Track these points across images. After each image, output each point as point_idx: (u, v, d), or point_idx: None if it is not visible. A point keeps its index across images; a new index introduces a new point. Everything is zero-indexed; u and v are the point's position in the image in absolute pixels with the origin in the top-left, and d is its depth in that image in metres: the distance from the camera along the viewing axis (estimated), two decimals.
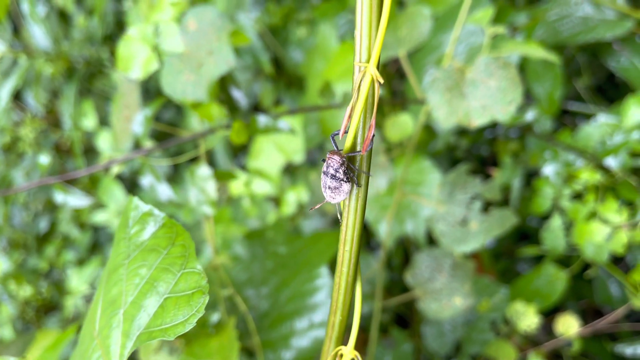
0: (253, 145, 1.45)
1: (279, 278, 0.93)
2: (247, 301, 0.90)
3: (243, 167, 1.62)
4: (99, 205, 2.17)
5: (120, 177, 1.94)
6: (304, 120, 1.48)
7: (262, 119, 0.77)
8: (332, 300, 0.34)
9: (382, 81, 0.24)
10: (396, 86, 1.65)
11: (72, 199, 0.80)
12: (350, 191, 0.32)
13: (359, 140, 0.30)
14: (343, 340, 0.36)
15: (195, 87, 0.70)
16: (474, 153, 1.55)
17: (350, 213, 0.30)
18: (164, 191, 0.78)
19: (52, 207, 2.39)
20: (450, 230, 0.88)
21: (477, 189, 0.88)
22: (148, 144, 0.80)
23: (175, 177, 1.69)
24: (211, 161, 1.56)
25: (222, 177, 0.83)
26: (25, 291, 2.08)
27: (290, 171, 1.51)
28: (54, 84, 2.31)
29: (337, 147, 0.33)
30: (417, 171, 1.26)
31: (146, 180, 0.78)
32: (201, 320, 0.76)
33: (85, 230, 2.24)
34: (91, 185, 2.29)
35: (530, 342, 1.37)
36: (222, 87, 0.83)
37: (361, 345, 1.43)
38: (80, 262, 2.17)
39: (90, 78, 2.22)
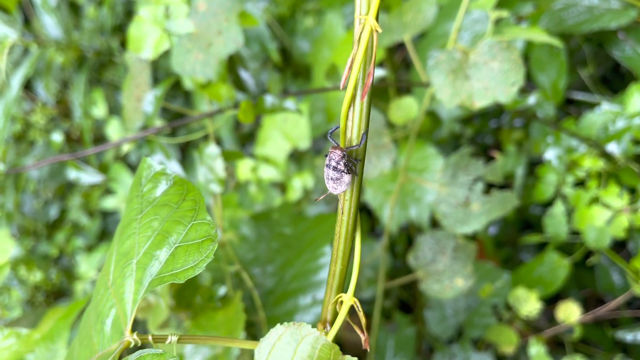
0: (260, 132, 1.47)
1: (284, 257, 0.95)
2: (253, 279, 0.92)
3: (250, 155, 1.64)
4: (108, 192, 2.20)
5: (129, 165, 1.97)
6: (310, 109, 1.50)
7: (269, 99, 0.79)
8: (333, 249, 0.36)
9: (380, 30, 0.26)
10: (402, 76, 1.67)
11: (85, 176, 0.82)
12: (351, 182, 0.35)
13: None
14: (343, 288, 0.38)
15: (204, 66, 0.72)
16: (478, 142, 1.57)
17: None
18: (174, 169, 0.80)
19: (62, 195, 2.42)
20: (452, 212, 0.90)
21: (479, 171, 0.90)
22: (158, 123, 0.83)
23: (183, 162, 1.71)
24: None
25: (230, 157, 0.85)
26: (36, 276, 2.11)
27: (296, 157, 1.53)
28: (64, 74, 2.34)
29: (336, 143, 0.36)
30: (421, 158, 1.28)
31: (156, 159, 0.80)
32: (208, 294, 0.79)
33: (95, 218, 2.27)
34: (101, 172, 2.31)
35: (532, 328, 1.38)
36: (231, 68, 0.85)
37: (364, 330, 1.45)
38: (89, 249, 2.20)
39: (100, 68, 2.25)
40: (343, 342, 1.58)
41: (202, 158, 0.83)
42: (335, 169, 0.35)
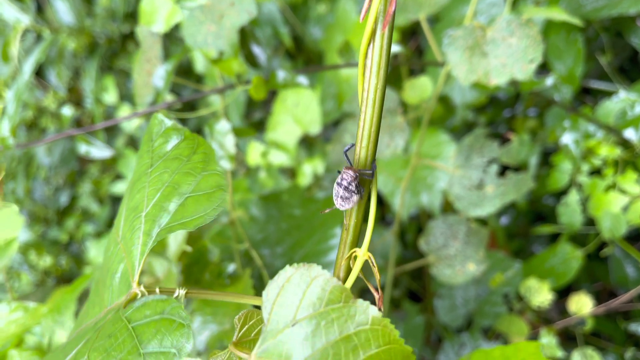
0: (271, 117, 1.46)
1: (293, 238, 0.94)
2: (262, 259, 0.91)
3: (261, 141, 1.63)
4: (118, 178, 2.21)
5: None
6: (322, 95, 1.49)
7: (281, 74, 0.77)
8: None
9: None
10: (415, 64, 1.65)
11: (95, 150, 0.81)
12: (359, 201, 0.37)
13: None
14: (357, 244, 0.36)
15: (217, 38, 0.71)
16: (491, 131, 1.55)
17: (368, 107, 0.31)
18: None
19: (72, 182, 2.42)
20: (466, 194, 0.89)
21: (494, 153, 0.88)
22: (169, 97, 0.82)
23: None
24: None
25: (242, 133, 0.84)
26: (45, 261, 2.12)
27: (307, 143, 1.52)
28: (76, 61, 2.34)
29: (350, 163, 0.38)
30: (434, 145, 1.26)
31: None
32: (217, 271, 0.78)
33: (104, 205, 2.27)
34: (111, 161, 2.32)
35: (543, 319, 1.36)
36: (243, 44, 0.84)
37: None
38: (99, 235, 2.20)
39: (112, 57, 2.25)
40: None
41: (213, 134, 0.82)
42: (346, 189, 0.36)
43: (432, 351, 1.42)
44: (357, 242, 0.37)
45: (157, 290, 0.34)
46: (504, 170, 0.89)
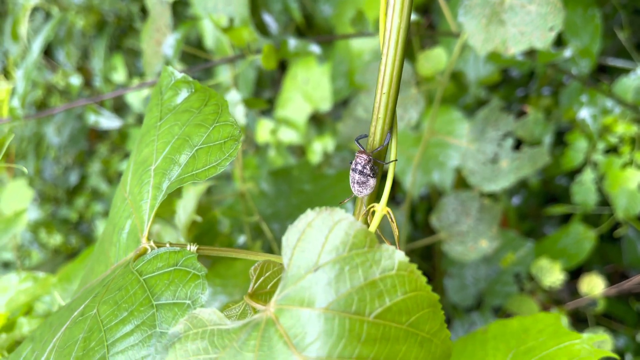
0: (281, 94, 1.44)
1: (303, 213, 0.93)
2: (273, 234, 0.90)
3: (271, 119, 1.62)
4: (126, 156, 2.20)
5: None
6: (332, 73, 1.47)
7: (292, 42, 0.76)
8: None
9: None
10: (427, 43, 1.62)
11: (104, 120, 0.80)
12: (375, 185, 0.36)
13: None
14: (375, 198, 0.35)
15: (227, 4, 0.70)
16: (505, 109, 1.52)
17: (390, 49, 0.29)
18: None
19: (82, 162, 2.42)
20: (480, 169, 0.87)
21: (509, 126, 0.86)
22: (178, 67, 0.80)
23: None
24: None
25: (252, 104, 0.82)
26: (56, 240, 2.13)
27: (316, 121, 1.50)
28: (84, 40, 2.33)
29: (362, 148, 0.37)
30: (446, 122, 1.24)
31: None
32: (227, 242, 0.77)
33: (114, 184, 2.27)
34: (120, 141, 2.32)
35: (554, 300, 1.35)
36: (253, 12, 0.82)
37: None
38: (108, 214, 2.20)
39: (121, 36, 2.23)
40: None
41: None
42: (361, 172, 0.36)
43: None
44: (375, 198, 0.36)
45: (168, 244, 0.33)
46: (519, 144, 0.87)
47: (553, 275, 1.23)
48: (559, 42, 1.26)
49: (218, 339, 0.25)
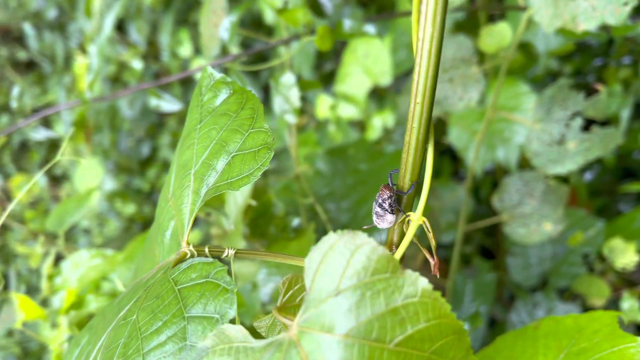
0: (340, 68, 1.43)
1: (359, 194, 0.93)
2: (328, 214, 0.91)
3: (331, 94, 1.60)
4: None
5: None
6: (393, 44, 1.43)
7: (347, 23, 0.74)
8: (401, 163, 0.33)
9: None
10: (494, 10, 1.54)
11: (165, 104, 0.83)
12: (395, 222, 0.37)
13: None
14: (412, 207, 0.34)
15: None
16: (579, 81, 1.43)
17: (423, 59, 0.28)
18: None
19: (153, 134, 2.52)
20: (545, 150, 0.82)
21: (578, 105, 0.81)
22: (234, 49, 0.81)
23: (265, 103, 1.71)
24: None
25: (307, 86, 0.82)
26: (130, 209, 2.24)
27: (377, 96, 1.48)
28: (153, 15, 2.38)
29: (391, 183, 0.38)
30: (512, 96, 1.19)
31: None
32: (282, 225, 0.78)
33: None
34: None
35: (626, 281, 1.28)
36: None
37: (442, 275, 1.41)
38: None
39: (187, 10, 2.27)
40: None
41: (278, 87, 0.80)
42: (380, 206, 0.37)
43: (504, 309, 1.39)
44: (412, 205, 0.35)
45: (206, 249, 0.34)
46: (588, 124, 0.82)
47: (626, 256, 1.17)
48: (638, 8, 1.16)
49: (244, 357, 0.26)
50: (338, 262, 0.25)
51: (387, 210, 0.36)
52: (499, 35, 0.83)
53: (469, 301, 1.25)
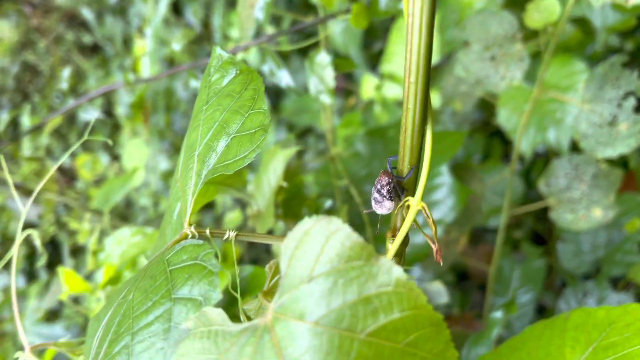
0: (386, 48, 1.39)
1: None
2: (365, 195, 0.90)
3: (379, 75, 1.58)
4: None
5: None
6: (441, 22, 1.38)
7: (383, 1, 0.72)
8: (400, 145, 0.32)
9: None
10: None
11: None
12: (395, 208, 0.36)
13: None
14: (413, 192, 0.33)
15: None
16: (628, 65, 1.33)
17: (414, 35, 0.26)
18: (284, 77, 0.79)
19: None
20: (595, 132, 0.78)
21: (632, 85, 0.75)
22: (270, 29, 0.80)
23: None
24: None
25: (342, 66, 0.81)
26: None
27: None
28: None
29: (389, 169, 0.37)
30: (567, 74, 1.12)
31: (266, 67, 0.79)
32: (314, 206, 0.78)
33: None
34: None
35: None
36: None
37: (486, 258, 1.38)
38: None
39: None
40: (468, 270, 1.52)
41: (313, 67, 0.80)
42: (379, 192, 0.36)
43: (554, 296, 1.34)
44: (416, 177, 0.33)
45: (207, 231, 0.34)
46: None
47: None
48: None
49: (222, 340, 0.26)
50: (312, 248, 0.24)
51: (385, 196, 0.35)
52: (547, 10, 0.78)
53: (516, 286, 1.21)
